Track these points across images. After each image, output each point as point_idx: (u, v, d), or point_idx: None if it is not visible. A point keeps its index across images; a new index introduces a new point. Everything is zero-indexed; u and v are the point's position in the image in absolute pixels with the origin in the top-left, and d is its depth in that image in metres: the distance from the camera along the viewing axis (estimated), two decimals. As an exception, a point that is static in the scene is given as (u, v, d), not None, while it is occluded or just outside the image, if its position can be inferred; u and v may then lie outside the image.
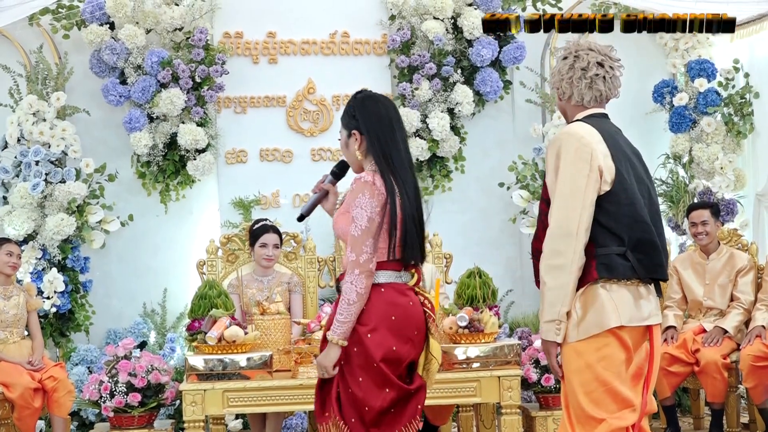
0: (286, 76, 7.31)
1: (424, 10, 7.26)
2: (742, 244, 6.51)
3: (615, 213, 3.34)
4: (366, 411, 3.51)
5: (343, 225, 3.61)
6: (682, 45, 7.57)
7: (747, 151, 7.55)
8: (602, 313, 3.32)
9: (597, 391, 3.33)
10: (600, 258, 3.34)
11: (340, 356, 3.54)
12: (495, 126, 7.63)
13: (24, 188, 6.71)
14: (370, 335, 3.53)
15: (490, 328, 5.14)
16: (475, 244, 7.42)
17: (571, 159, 3.33)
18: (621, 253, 3.35)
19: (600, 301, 3.33)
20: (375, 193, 3.55)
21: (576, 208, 3.29)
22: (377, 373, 3.52)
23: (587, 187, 3.30)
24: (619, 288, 3.35)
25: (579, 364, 3.33)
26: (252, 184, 7.18)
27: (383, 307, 3.58)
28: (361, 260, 3.51)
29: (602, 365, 3.32)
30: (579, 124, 3.43)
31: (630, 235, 3.35)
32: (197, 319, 5.21)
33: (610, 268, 3.34)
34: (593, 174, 3.31)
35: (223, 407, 4.99)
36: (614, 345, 3.34)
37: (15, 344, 6.08)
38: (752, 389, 5.92)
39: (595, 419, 3.33)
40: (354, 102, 3.70)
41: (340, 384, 3.56)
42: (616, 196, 3.35)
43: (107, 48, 6.90)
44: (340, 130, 3.72)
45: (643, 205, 3.40)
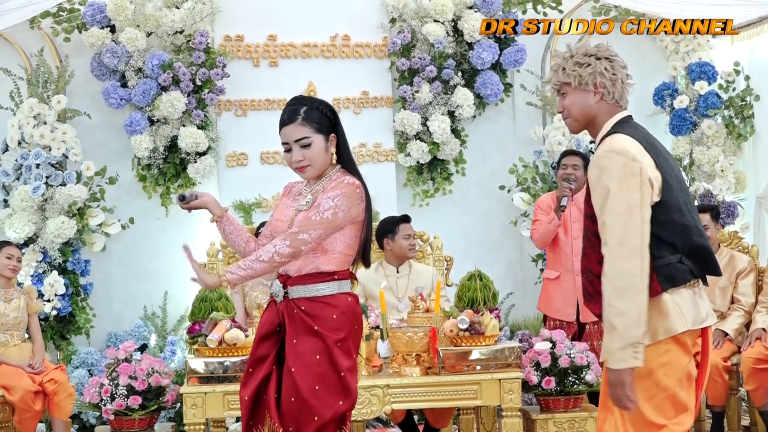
0: (286, 79, 7.31)
1: (425, 13, 7.27)
2: (742, 246, 6.51)
3: (666, 222, 3.29)
4: (314, 420, 3.45)
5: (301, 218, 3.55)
6: (682, 47, 7.57)
7: (747, 153, 7.55)
8: (667, 319, 3.26)
9: (658, 397, 3.29)
10: (660, 270, 3.27)
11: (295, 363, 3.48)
12: (495, 129, 7.64)
13: (25, 191, 6.71)
14: (339, 344, 3.51)
15: (490, 330, 5.14)
16: (475, 246, 7.42)
17: (621, 177, 3.23)
18: (678, 261, 3.30)
19: (665, 307, 3.27)
20: (354, 198, 3.54)
21: (636, 225, 3.20)
22: (338, 383, 3.50)
23: (643, 202, 3.23)
24: (681, 291, 3.30)
25: (640, 370, 3.23)
26: (253, 187, 7.18)
27: (351, 317, 3.58)
28: (300, 237, 3.47)
29: (663, 371, 3.28)
30: (619, 137, 3.33)
31: (683, 242, 3.31)
32: (198, 322, 5.21)
33: (672, 278, 3.28)
34: (645, 187, 3.23)
35: (223, 410, 4.99)
36: (676, 350, 3.30)
37: (16, 347, 6.08)
38: (753, 392, 5.91)
39: (656, 425, 3.29)
40: (326, 104, 3.68)
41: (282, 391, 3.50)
42: (665, 205, 3.29)
43: (108, 51, 6.91)
44: (308, 136, 3.59)
45: (690, 209, 3.36)
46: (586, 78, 3.42)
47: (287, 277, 3.60)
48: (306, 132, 3.58)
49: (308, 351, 3.49)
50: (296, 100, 3.69)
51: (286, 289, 3.59)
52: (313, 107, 3.63)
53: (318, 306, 3.55)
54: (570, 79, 3.45)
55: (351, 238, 3.60)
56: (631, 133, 3.37)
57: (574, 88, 3.44)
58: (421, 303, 5.23)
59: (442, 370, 4.90)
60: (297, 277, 3.58)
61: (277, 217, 3.70)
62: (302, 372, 3.47)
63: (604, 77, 3.42)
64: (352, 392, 3.54)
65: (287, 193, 3.80)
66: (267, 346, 3.62)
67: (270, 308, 3.68)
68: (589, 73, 3.41)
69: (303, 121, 3.59)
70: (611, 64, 3.43)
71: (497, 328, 5.19)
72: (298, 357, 3.49)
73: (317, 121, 3.61)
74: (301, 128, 3.59)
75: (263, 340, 3.63)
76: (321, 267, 3.56)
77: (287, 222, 3.61)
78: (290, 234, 3.49)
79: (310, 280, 3.56)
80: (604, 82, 3.42)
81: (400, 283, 5.93)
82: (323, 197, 3.53)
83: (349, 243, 3.60)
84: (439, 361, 4.90)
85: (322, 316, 3.53)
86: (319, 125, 3.60)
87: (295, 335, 3.54)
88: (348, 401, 3.53)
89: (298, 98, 3.71)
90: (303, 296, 3.56)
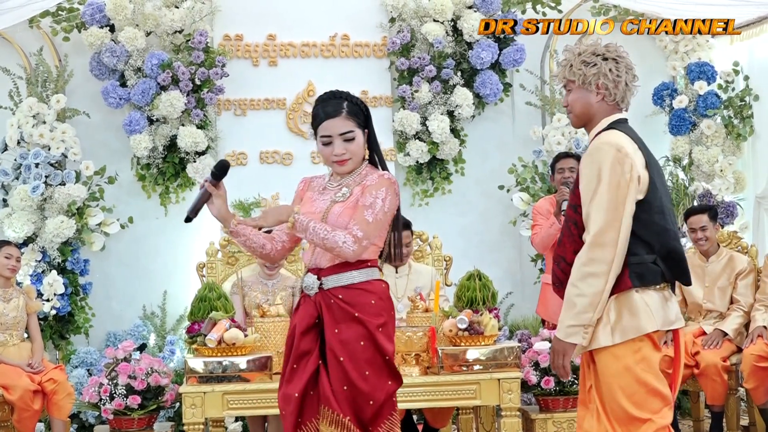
0: (286, 79, 7.31)
1: (424, 12, 7.27)
2: (741, 246, 6.51)
3: (646, 221, 3.40)
4: (369, 405, 3.54)
5: (346, 219, 3.60)
6: (682, 47, 7.57)
7: (747, 153, 7.55)
8: (638, 318, 3.38)
9: (639, 393, 3.40)
10: (633, 267, 3.39)
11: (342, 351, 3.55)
12: (495, 128, 7.64)
13: (24, 191, 6.71)
14: (381, 329, 3.58)
15: (489, 330, 5.14)
16: (474, 246, 7.42)
17: (612, 169, 3.36)
18: (652, 261, 3.41)
19: (636, 306, 3.39)
20: (394, 193, 3.62)
21: (617, 219, 3.34)
22: (385, 366, 3.58)
23: (628, 197, 3.35)
24: (651, 293, 3.42)
25: (618, 368, 3.39)
26: (252, 187, 7.18)
27: (388, 301, 3.66)
28: (364, 243, 3.55)
29: (641, 367, 3.39)
30: (615, 133, 3.45)
31: (660, 244, 3.42)
32: (197, 322, 5.21)
33: (642, 276, 3.40)
34: (633, 184, 3.36)
35: (222, 410, 4.98)
36: (649, 347, 3.42)
37: (15, 347, 6.07)
38: (753, 390, 5.90)
39: (640, 419, 3.39)
40: (361, 100, 3.74)
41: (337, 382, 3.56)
42: (648, 204, 3.40)
43: (107, 50, 6.91)
44: (352, 130, 3.64)
45: (671, 213, 3.48)
46: (590, 78, 3.49)
47: (319, 269, 3.66)
48: (350, 126, 3.64)
49: (353, 338, 3.55)
50: (335, 94, 3.74)
51: (321, 281, 3.64)
52: (353, 102, 3.70)
53: (356, 293, 3.61)
54: (575, 77, 3.52)
55: (384, 230, 3.68)
56: (626, 132, 3.47)
57: (578, 86, 3.52)
58: (421, 303, 5.24)
59: (441, 370, 4.89)
60: (330, 267, 3.63)
61: (308, 210, 3.70)
62: (350, 360, 3.54)
63: (607, 78, 3.48)
64: (397, 373, 3.63)
65: (308, 188, 3.83)
66: (309, 341, 3.65)
67: (304, 303, 3.71)
68: (593, 73, 3.48)
69: (348, 115, 3.65)
70: (617, 65, 3.49)
71: (496, 328, 5.18)
72: (344, 345, 3.55)
73: (358, 116, 3.67)
74: (346, 122, 3.64)
75: (305, 334, 3.65)
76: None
77: (320, 214, 3.64)
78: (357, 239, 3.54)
79: (344, 268, 3.62)
80: (606, 83, 3.49)
81: (399, 283, 5.93)
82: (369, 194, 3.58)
83: (381, 235, 3.67)
84: (438, 360, 4.90)
85: (361, 302, 3.59)
86: (359, 120, 3.67)
87: (335, 324, 3.59)
88: (396, 382, 3.62)
89: (336, 92, 3.75)
90: (338, 285, 3.62)
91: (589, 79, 3.49)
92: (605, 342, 3.38)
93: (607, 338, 3.37)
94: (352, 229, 3.54)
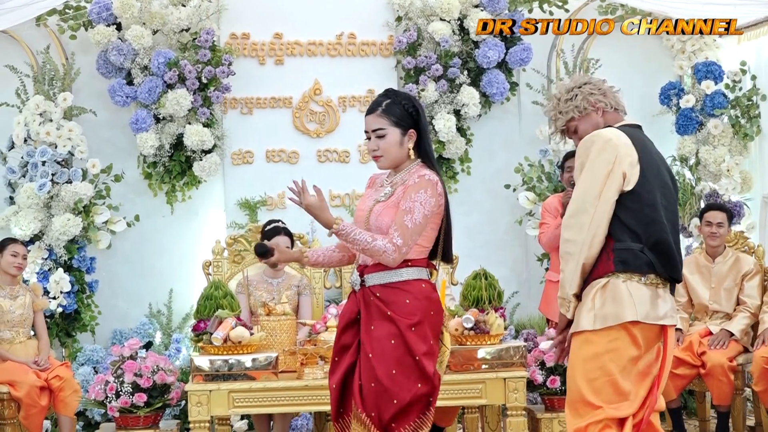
0: (292, 77, 7.31)
1: (431, 11, 7.26)
2: (748, 246, 6.50)
3: (635, 211, 3.55)
4: (393, 404, 3.57)
5: (387, 220, 3.68)
6: (689, 47, 7.56)
7: (754, 153, 7.53)
8: (620, 306, 3.51)
9: (599, 380, 3.51)
10: (617, 252, 3.54)
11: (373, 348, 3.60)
12: (501, 127, 7.63)
13: (30, 188, 6.72)
14: (414, 329, 3.62)
15: (495, 329, 5.14)
16: (480, 245, 7.41)
17: (595, 158, 3.57)
18: (639, 249, 3.55)
19: (619, 295, 3.52)
20: (435, 194, 3.68)
21: (591, 204, 3.52)
22: (414, 367, 3.60)
23: (606, 186, 3.53)
24: (639, 286, 3.54)
25: (587, 353, 3.53)
26: (258, 185, 7.19)
27: (425, 302, 3.68)
28: (404, 250, 3.63)
29: (609, 357, 3.51)
30: (609, 129, 3.66)
31: (648, 234, 3.56)
32: (203, 320, 5.22)
33: (626, 262, 3.54)
34: (614, 174, 3.54)
35: (228, 408, 5.00)
36: (625, 340, 3.52)
37: (21, 344, 6.09)
38: (762, 392, 5.87)
39: (592, 405, 3.50)
40: (410, 101, 3.80)
41: (362, 377, 3.61)
42: (638, 195, 3.56)
43: (114, 49, 6.91)
44: (383, 128, 3.74)
45: (665, 210, 3.61)
46: (582, 104, 3.80)
47: (365, 266, 3.75)
48: (382, 123, 3.74)
49: (384, 336, 3.61)
50: (384, 92, 3.85)
51: (363, 278, 3.73)
52: (396, 101, 3.77)
53: (392, 291, 3.67)
54: (571, 114, 3.82)
55: (428, 231, 3.73)
56: (625, 130, 3.68)
57: (579, 118, 3.81)
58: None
59: (447, 369, 4.89)
60: (373, 265, 3.72)
61: (360, 207, 3.87)
62: (379, 357, 3.60)
63: (594, 95, 3.78)
64: (430, 376, 3.63)
65: (371, 185, 3.95)
66: (350, 335, 3.75)
67: (350, 298, 3.83)
68: (581, 99, 3.79)
69: (382, 113, 3.74)
70: (591, 85, 3.81)
71: (502, 327, 5.19)
72: (375, 342, 3.62)
73: (397, 115, 3.74)
74: (379, 119, 3.74)
75: (346, 329, 3.77)
76: None
77: (366, 212, 3.76)
78: (397, 247, 3.61)
79: (385, 267, 3.69)
80: (597, 98, 3.78)
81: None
82: (408, 198, 3.65)
83: (425, 235, 3.72)
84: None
85: (395, 301, 3.65)
86: (398, 119, 3.74)
87: (371, 321, 3.67)
88: (427, 385, 3.63)
89: (386, 91, 3.86)
90: (378, 283, 3.70)
91: (582, 105, 3.79)
92: (586, 326, 3.52)
93: (589, 323, 3.52)
94: (393, 236, 3.62)
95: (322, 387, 4.96)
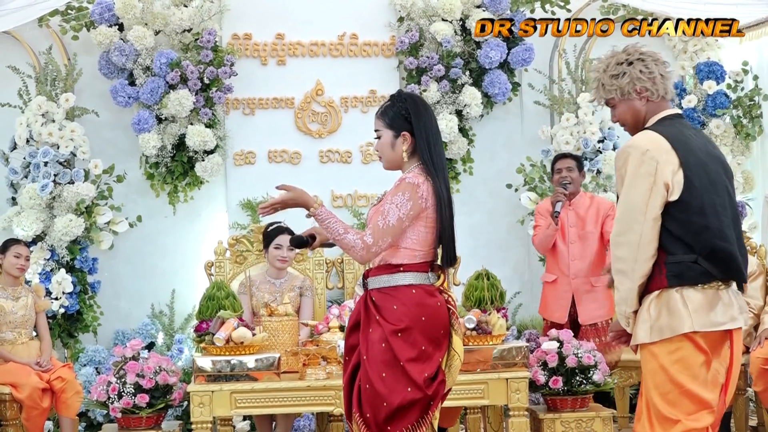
0: (294, 78, 7.31)
1: (433, 11, 7.26)
2: (751, 246, 6.49)
3: (684, 221, 3.38)
4: (383, 406, 3.59)
5: (371, 215, 3.77)
6: (690, 47, 7.56)
7: (756, 153, 7.53)
8: (676, 318, 3.37)
9: (672, 393, 3.38)
10: (670, 266, 3.39)
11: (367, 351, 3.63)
12: (503, 128, 7.62)
13: (33, 189, 6.72)
14: (400, 334, 3.63)
15: (498, 330, 5.14)
16: (482, 246, 7.41)
17: (635, 172, 3.39)
18: (692, 260, 3.39)
19: (674, 306, 3.38)
20: (415, 197, 3.66)
21: (638, 221, 3.38)
22: (402, 372, 3.61)
23: (650, 201, 3.37)
24: (696, 293, 3.39)
25: (653, 366, 3.41)
26: (260, 186, 7.17)
27: (414, 308, 3.67)
28: (373, 250, 3.65)
29: (676, 368, 3.38)
30: (645, 134, 3.47)
31: (700, 243, 3.38)
32: (205, 321, 5.22)
33: (681, 275, 3.38)
34: (657, 188, 3.37)
35: (230, 408, 5.00)
36: (689, 348, 3.38)
37: (23, 345, 6.09)
38: (762, 392, 5.89)
39: (671, 420, 3.38)
40: (405, 103, 3.80)
41: (362, 379, 3.66)
42: (685, 204, 3.38)
43: (116, 49, 6.91)
44: (379, 129, 3.82)
45: (717, 211, 3.42)
46: (627, 87, 3.54)
47: (369, 269, 3.80)
48: (379, 125, 3.84)
49: (376, 340, 3.65)
50: (391, 95, 3.91)
51: (366, 280, 3.79)
52: (393, 103, 3.83)
53: (383, 297, 3.71)
54: (613, 94, 3.58)
55: (419, 234, 3.72)
56: (662, 130, 3.46)
57: (620, 100, 3.58)
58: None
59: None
60: (374, 269, 3.77)
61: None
62: (371, 359, 3.64)
63: (642, 81, 3.53)
64: (418, 382, 3.62)
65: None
66: (356, 336, 3.78)
67: (359, 300, 3.87)
68: (627, 82, 3.53)
69: (380, 114, 3.84)
70: (644, 63, 3.54)
71: (504, 328, 5.19)
72: (369, 345, 3.66)
73: (390, 117, 3.80)
74: (377, 121, 3.85)
75: (353, 330, 3.80)
76: (388, 259, 3.73)
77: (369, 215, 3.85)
78: (367, 246, 3.64)
79: (381, 271, 3.74)
80: (644, 85, 3.53)
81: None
82: (387, 200, 3.69)
83: (416, 239, 3.72)
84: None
85: (384, 306, 3.68)
86: (391, 121, 3.79)
87: (368, 324, 3.71)
88: (417, 391, 3.62)
89: (394, 93, 3.92)
90: (375, 287, 3.75)
91: (626, 89, 3.55)
92: (643, 338, 3.41)
93: (645, 335, 3.41)
94: (365, 234, 3.66)
95: (324, 387, 4.96)
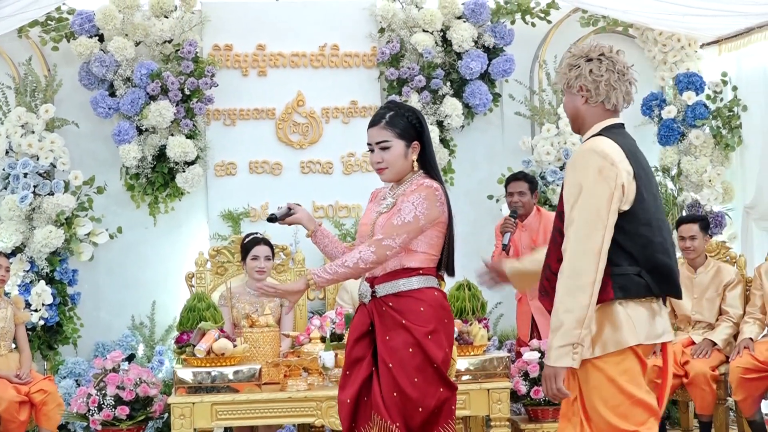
0: (275, 89, 7.31)
1: (414, 23, 7.28)
2: (730, 256, 6.53)
3: (631, 232, 3.28)
4: (419, 412, 3.59)
5: (383, 222, 3.71)
6: (670, 58, 7.60)
7: (735, 163, 7.57)
8: (620, 331, 3.26)
9: (623, 405, 3.30)
10: (616, 278, 3.26)
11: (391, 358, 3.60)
12: (484, 138, 7.64)
13: (12, 200, 6.69)
14: (430, 336, 3.63)
15: (479, 340, 5.14)
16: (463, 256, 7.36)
17: (595, 178, 3.22)
18: (636, 273, 3.29)
19: (617, 319, 3.27)
20: (433, 200, 3.70)
21: (599, 229, 3.20)
22: (435, 374, 3.62)
23: (610, 208, 3.22)
24: (636, 306, 3.30)
25: (599, 380, 3.28)
26: (241, 197, 7.18)
27: (439, 310, 3.71)
28: (384, 243, 3.62)
29: (624, 378, 3.28)
30: (602, 140, 3.31)
31: (645, 256, 3.30)
32: (186, 332, 5.20)
33: (626, 288, 3.27)
34: (617, 193, 3.22)
35: (211, 420, 4.98)
36: (632, 359, 3.31)
37: (2, 357, 6.05)
38: (741, 402, 5.91)
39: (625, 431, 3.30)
40: (414, 113, 3.80)
41: (383, 388, 3.61)
42: (634, 215, 3.28)
43: (96, 60, 6.90)
44: (388, 140, 3.76)
45: (660, 226, 3.35)
46: (572, 81, 3.42)
47: (374, 277, 3.74)
48: (386, 136, 3.75)
49: (401, 345, 3.62)
50: (387, 104, 3.87)
51: (374, 289, 3.73)
52: (399, 113, 3.78)
53: (405, 300, 3.68)
54: (561, 83, 3.47)
55: (433, 238, 3.75)
56: (616, 139, 3.34)
57: (566, 91, 3.46)
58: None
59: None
60: (383, 276, 3.72)
61: (363, 221, 3.87)
62: (399, 366, 3.60)
63: (586, 80, 3.38)
64: (450, 381, 3.66)
65: (373, 199, 3.96)
66: (362, 348, 3.74)
67: (360, 310, 3.82)
68: (575, 76, 3.40)
69: (386, 125, 3.75)
70: (599, 65, 3.37)
71: (486, 338, 5.19)
72: (393, 353, 3.62)
73: (401, 127, 3.76)
74: (383, 131, 3.76)
75: (357, 342, 3.75)
76: (405, 263, 3.71)
77: (370, 225, 3.78)
78: (375, 240, 3.63)
79: (395, 276, 3.70)
80: (585, 84, 3.39)
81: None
82: (404, 201, 3.68)
83: (431, 243, 3.75)
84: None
85: (409, 309, 3.66)
86: (401, 131, 3.75)
87: (386, 332, 3.67)
88: (448, 389, 3.66)
89: (389, 103, 3.89)
90: (390, 293, 3.70)
91: (571, 83, 3.41)
92: (585, 354, 3.23)
93: (587, 351, 3.23)
94: (374, 236, 3.66)
95: (305, 399, 4.95)
